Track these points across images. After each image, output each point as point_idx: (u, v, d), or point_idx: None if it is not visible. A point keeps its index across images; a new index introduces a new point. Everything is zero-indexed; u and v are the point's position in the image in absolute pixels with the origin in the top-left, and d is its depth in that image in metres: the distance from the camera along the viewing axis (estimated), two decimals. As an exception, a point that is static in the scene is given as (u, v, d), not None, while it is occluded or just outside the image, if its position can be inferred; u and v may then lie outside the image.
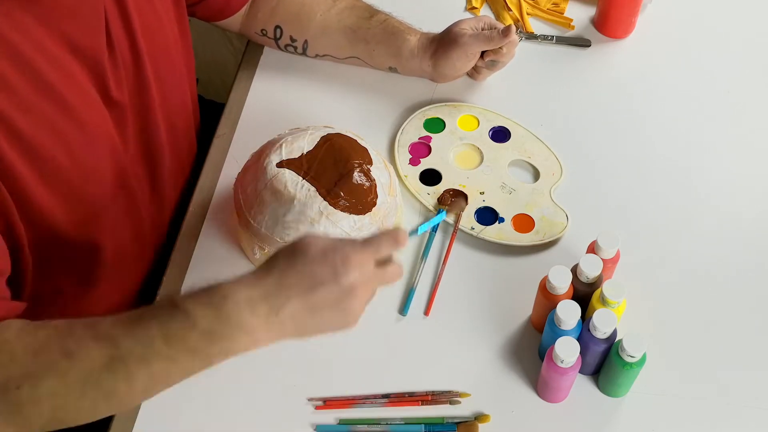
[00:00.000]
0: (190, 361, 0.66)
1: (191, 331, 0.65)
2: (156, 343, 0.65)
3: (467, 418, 0.85)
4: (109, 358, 0.65)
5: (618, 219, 1.00)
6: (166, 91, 0.93)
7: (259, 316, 0.66)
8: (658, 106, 1.11)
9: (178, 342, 0.65)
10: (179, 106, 0.99)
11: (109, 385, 0.65)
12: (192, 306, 0.66)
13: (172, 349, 0.65)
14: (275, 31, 1.10)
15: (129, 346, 0.65)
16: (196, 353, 0.66)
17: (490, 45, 1.03)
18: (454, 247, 0.97)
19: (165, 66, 0.92)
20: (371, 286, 0.70)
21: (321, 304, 0.68)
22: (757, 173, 1.05)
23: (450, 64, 1.05)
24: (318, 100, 1.11)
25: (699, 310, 0.93)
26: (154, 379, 0.66)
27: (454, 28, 1.04)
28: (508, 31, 1.00)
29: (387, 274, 0.72)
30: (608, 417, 0.85)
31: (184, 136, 1.03)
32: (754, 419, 0.85)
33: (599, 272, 0.84)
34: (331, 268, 0.67)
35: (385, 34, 1.06)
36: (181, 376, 0.68)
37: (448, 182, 1.02)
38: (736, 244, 0.98)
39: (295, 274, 0.67)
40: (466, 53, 1.04)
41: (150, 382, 0.66)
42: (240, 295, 0.66)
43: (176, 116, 0.98)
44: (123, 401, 0.67)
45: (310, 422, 0.85)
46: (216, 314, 0.65)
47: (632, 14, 1.16)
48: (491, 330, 0.91)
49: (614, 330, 0.81)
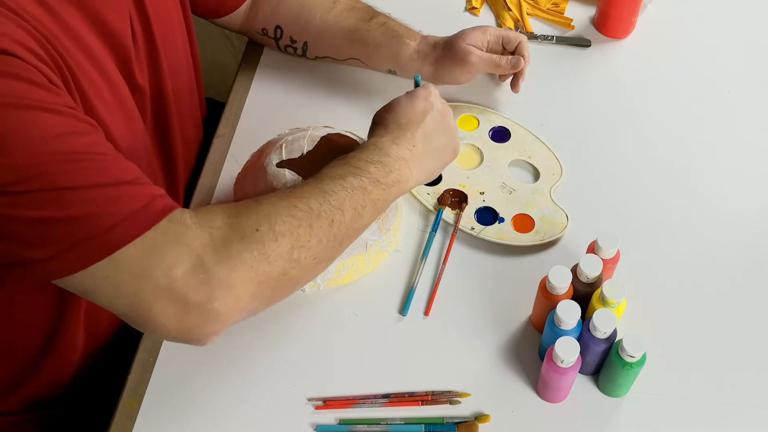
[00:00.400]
0: (377, 192, 0.80)
1: (369, 164, 0.81)
2: (349, 178, 0.79)
3: (467, 418, 0.85)
4: (320, 191, 0.76)
5: (618, 219, 1.00)
6: (176, 80, 0.95)
7: (404, 149, 0.84)
8: (658, 106, 1.11)
9: (364, 174, 0.79)
10: (188, 95, 1.02)
11: (328, 212, 0.75)
12: (358, 152, 0.82)
13: (362, 180, 0.79)
14: (276, 31, 1.10)
15: (329, 183, 0.78)
16: (378, 184, 0.80)
17: (496, 70, 1.05)
18: (454, 247, 0.97)
19: (173, 55, 0.95)
20: (448, 108, 0.89)
21: (434, 128, 0.86)
22: (757, 173, 1.05)
23: (452, 77, 1.05)
24: (318, 100, 1.11)
25: (699, 310, 0.93)
26: (356, 211, 0.78)
27: (461, 43, 1.03)
28: (517, 63, 1.03)
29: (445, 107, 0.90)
30: (608, 417, 0.85)
31: (193, 125, 1.07)
32: (754, 419, 0.85)
33: (599, 272, 0.84)
34: (424, 101, 0.87)
35: (384, 38, 1.06)
36: (372, 209, 0.80)
37: (448, 182, 1.02)
38: (736, 244, 0.98)
39: (405, 115, 0.86)
40: (471, 71, 1.04)
41: (353, 216, 0.78)
42: (384, 139, 0.84)
43: (185, 106, 1.01)
44: (338, 233, 0.77)
45: (310, 422, 0.85)
46: (379, 151, 0.82)
47: (632, 14, 1.16)
48: (491, 330, 0.91)
49: (614, 330, 0.81)
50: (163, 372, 0.88)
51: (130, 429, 0.85)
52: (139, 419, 0.85)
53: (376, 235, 0.91)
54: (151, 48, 0.89)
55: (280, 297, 0.76)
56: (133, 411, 0.85)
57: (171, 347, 0.89)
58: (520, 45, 1.04)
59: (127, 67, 0.85)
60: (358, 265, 0.92)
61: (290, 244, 0.72)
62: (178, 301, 0.67)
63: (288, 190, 0.77)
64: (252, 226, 0.71)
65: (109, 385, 0.92)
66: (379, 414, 0.85)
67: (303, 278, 0.76)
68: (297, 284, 0.76)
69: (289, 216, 0.73)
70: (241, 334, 0.90)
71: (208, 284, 0.67)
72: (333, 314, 0.92)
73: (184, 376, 0.88)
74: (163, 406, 0.86)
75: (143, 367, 0.88)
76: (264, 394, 0.87)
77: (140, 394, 0.86)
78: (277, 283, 0.72)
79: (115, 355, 0.98)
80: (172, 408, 0.86)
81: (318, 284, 0.92)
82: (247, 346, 0.90)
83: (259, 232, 0.71)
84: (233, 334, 0.90)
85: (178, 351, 0.89)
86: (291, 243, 0.72)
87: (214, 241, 0.69)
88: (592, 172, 1.04)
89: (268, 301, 0.74)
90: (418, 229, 0.99)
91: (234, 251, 0.69)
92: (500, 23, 1.21)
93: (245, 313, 0.72)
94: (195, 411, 0.86)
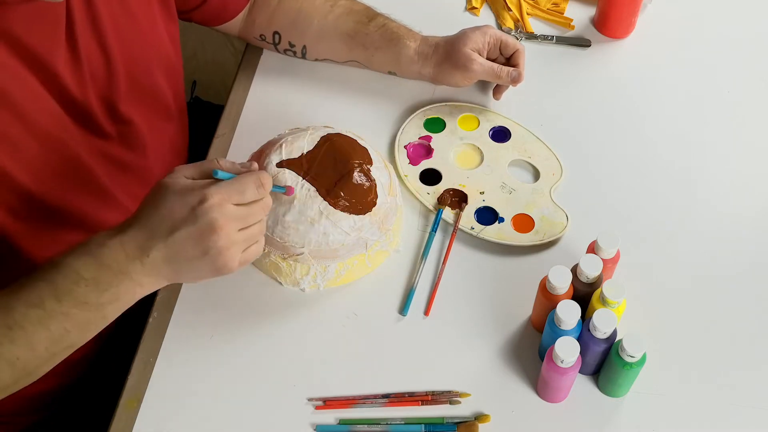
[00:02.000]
0: (84, 314, 0.69)
1: (77, 283, 0.68)
2: (47, 302, 0.67)
3: (467, 418, 0.85)
4: (6, 328, 0.67)
5: (618, 219, 1.00)
6: (144, 99, 0.92)
7: (134, 260, 0.69)
8: (658, 106, 1.11)
9: (67, 297, 0.68)
10: (159, 113, 0.98)
11: (11, 353, 0.67)
12: (72, 259, 0.68)
13: (63, 305, 0.68)
14: (274, 36, 1.10)
15: (23, 311, 0.67)
16: (87, 305, 0.68)
17: (496, 80, 1.05)
18: (454, 247, 0.97)
19: (143, 74, 0.91)
20: (234, 225, 0.71)
21: (183, 244, 0.69)
22: (757, 173, 1.05)
23: (452, 81, 1.06)
24: (318, 101, 1.11)
25: (699, 310, 0.93)
26: (54, 339, 0.68)
27: (462, 47, 1.03)
28: (517, 77, 1.03)
29: (253, 209, 0.72)
30: (608, 417, 0.85)
31: (168, 138, 1.02)
32: (754, 419, 0.85)
33: (599, 272, 0.84)
34: (188, 207, 0.69)
35: (383, 40, 1.05)
36: (80, 332, 0.70)
37: (448, 182, 1.02)
38: (736, 244, 0.98)
39: (157, 216, 0.69)
40: (471, 78, 1.05)
41: (51, 343, 0.69)
42: (113, 241, 0.69)
43: (157, 121, 0.97)
44: (28, 367, 0.69)
45: (310, 422, 0.85)
46: (97, 262, 0.68)
47: (632, 14, 1.16)
48: (491, 330, 0.91)
49: (614, 330, 0.81)
50: (163, 372, 0.88)
51: (130, 429, 0.85)
52: (139, 419, 0.85)
53: (376, 235, 0.91)
54: (106, 62, 0.85)
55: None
56: (133, 411, 0.85)
57: (171, 347, 0.89)
58: (517, 53, 1.04)
59: (56, 85, 0.79)
60: (358, 265, 0.92)
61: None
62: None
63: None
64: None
65: (109, 385, 0.92)
66: (379, 414, 0.85)
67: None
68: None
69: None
70: (241, 334, 0.90)
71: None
72: (333, 314, 0.92)
73: (184, 376, 0.88)
74: (163, 406, 0.86)
75: (143, 367, 0.88)
76: (264, 394, 0.87)
77: (140, 394, 0.86)
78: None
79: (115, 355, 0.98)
80: (172, 408, 0.86)
81: (318, 284, 0.92)
82: (247, 346, 0.90)
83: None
84: (233, 335, 0.90)
85: (178, 351, 0.89)
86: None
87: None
88: (592, 172, 1.04)
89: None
90: (418, 229, 0.99)
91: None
92: (500, 23, 1.21)
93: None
94: (195, 411, 0.86)
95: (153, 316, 0.92)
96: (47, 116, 0.80)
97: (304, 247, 0.88)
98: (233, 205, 0.71)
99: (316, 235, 0.87)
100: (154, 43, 0.94)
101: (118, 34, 0.86)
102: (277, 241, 0.88)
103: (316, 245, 0.88)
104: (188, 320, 0.91)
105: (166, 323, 0.91)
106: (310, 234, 0.87)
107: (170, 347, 0.89)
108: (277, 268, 0.91)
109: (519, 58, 1.04)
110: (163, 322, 0.91)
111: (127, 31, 0.88)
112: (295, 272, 0.91)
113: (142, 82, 0.92)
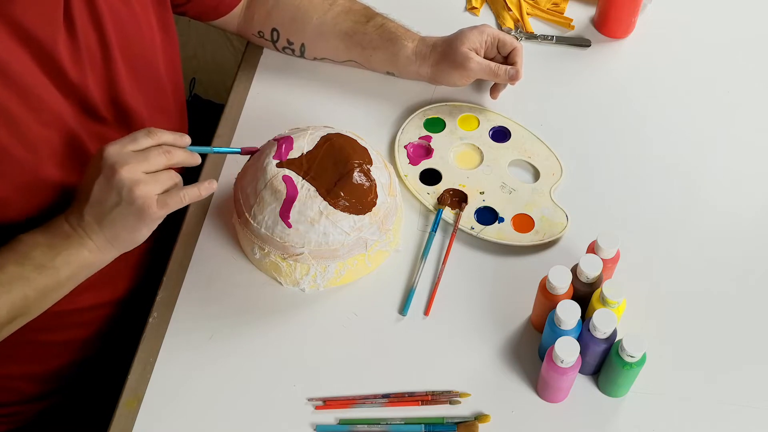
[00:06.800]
0: (42, 279, 0.76)
1: (34, 248, 0.76)
2: (9, 267, 0.74)
3: (467, 418, 0.85)
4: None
5: (618, 219, 1.00)
6: (143, 87, 0.92)
7: (76, 227, 0.77)
8: (658, 106, 1.11)
9: (26, 260, 0.75)
10: (159, 103, 0.98)
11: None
12: (33, 231, 0.77)
13: (24, 268, 0.75)
14: (272, 33, 1.10)
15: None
16: (44, 268, 0.76)
17: (493, 79, 1.05)
18: (454, 247, 0.97)
19: (140, 62, 0.91)
20: (135, 166, 0.76)
21: (100, 197, 0.76)
22: (757, 173, 1.05)
23: (450, 81, 1.06)
24: (318, 101, 1.11)
25: (699, 310, 0.93)
26: (15, 304, 0.75)
27: (460, 46, 1.03)
28: (515, 75, 1.03)
29: (151, 152, 0.77)
30: (608, 417, 0.85)
31: (168, 129, 1.02)
32: (753, 419, 0.85)
33: (599, 272, 0.84)
34: (94, 166, 0.77)
35: (381, 40, 1.05)
36: (37, 298, 0.77)
37: (448, 182, 1.02)
38: (736, 244, 0.98)
39: (82, 184, 0.78)
40: (469, 77, 1.04)
41: (11, 308, 0.75)
42: (63, 214, 0.78)
43: (157, 112, 0.97)
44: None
45: (310, 422, 0.85)
46: (50, 231, 0.77)
47: (632, 14, 1.16)
48: (491, 330, 0.91)
49: (614, 330, 0.81)
50: (163, 372, 0.88)
51: (130, 429, 0.85)
52: (139, 419, 0.85)
53: (376, 235, 0.91)
54: (104, 51, 0.85)
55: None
56: (133, 411, 0.85)
57: (171, 347, 0.89)
58: (514, 51, 1.04)
59: (54, 68, 0.81)
60: (358, 265, 0.92)
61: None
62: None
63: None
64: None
65: (109, 385, 0.92)
66: (379, 414, 0.85)
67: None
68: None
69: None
70: (241, 334, 0.90)
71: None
72: (333, 314, 0.92)
73: (184, 376, 0.88)
74: (163, 406, 0.86)
75: (143, 367, 0.88)
76: (264, 394, 0.87)
77: (140, 394, 0.86)
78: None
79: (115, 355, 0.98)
80: (172, 408, 0.86)
81: (318, 284, 0.92)
82: (247, 346, 0.90)
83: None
84: (233, 335, 0.90)
85: (178, 351, 0.89)
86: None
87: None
88: (592, 172, 1.04)
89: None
90: (418, 229, 0.99)
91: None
92: (500, 23, 1.21)
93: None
94: (195, 411, 0.86)
95: (153, 316, 0.92)
96: (47, 97, 0.80)
97: (304, 247, 0.88)
98: (131, 150, 0.77)
99: (316, 235, 0.87)
100: (149, 33, 0.93)
101: (115, 19, 0.86)
102: (277, 241, 0.88)
103: (316, 245, 0.88)
104: (188, 320, 0.91)
105: (166, 323, 0.91)
106: (310, 234, 0.87)
107: (170, 347, 0.89)
108: (277, 268, 0.91)
109: (517, 56, 1.04)
110: (163, 322, 0.91)
111: (124, 19, 0.88)
112: (295, 272, 0.91)
113: (141, 70, 0.92)
